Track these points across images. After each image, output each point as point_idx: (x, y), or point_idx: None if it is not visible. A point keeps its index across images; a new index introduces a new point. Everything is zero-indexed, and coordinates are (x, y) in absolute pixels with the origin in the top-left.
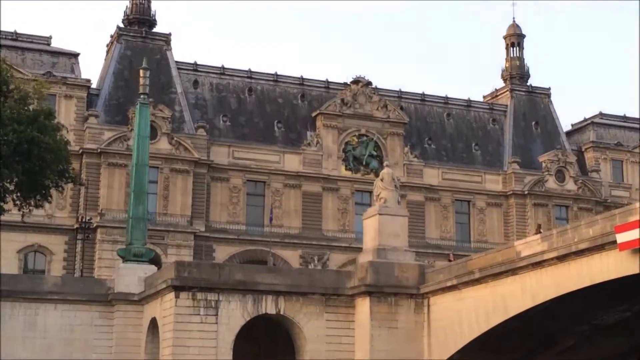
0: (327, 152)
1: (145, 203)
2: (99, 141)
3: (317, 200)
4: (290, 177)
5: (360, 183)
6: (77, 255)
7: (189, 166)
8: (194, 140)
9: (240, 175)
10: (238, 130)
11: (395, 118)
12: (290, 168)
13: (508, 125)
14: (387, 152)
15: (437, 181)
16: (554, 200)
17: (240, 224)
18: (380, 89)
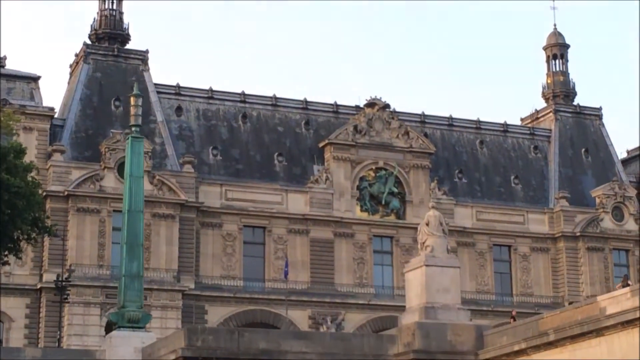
0: (339, 190)
1: (141, 257)
2: (66, 182)
3: (328, 249)
4: (295, 220)
5: (378, 227)
6: (41, 322)
7: (175, 210)
8: (179, 179)
9: (236, 220)
10: (231, 165)
11: (419, 147)
12: (295, 210)
13: (553, 154)
14: (411, 188)
15: (470, 223)
16: (611, 243)
17: (236, 278)
18: (400, 113)
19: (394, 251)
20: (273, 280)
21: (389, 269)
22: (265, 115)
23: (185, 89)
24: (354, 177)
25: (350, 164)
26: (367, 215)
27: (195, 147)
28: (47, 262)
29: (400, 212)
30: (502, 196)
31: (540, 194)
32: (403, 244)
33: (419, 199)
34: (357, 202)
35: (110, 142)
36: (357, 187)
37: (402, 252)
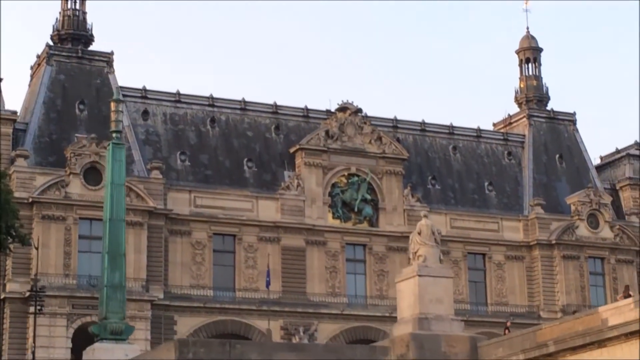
0: (311, 197)
1: (123, 268)
2: (30, 188)
3: (299, 257)
4: (266, 228)
5: (351, 234)
6: (5, 333)
7: (143, 217)
8: (147, 185)
9: (205, 228)
10: (200, 171)
11: (392, 153)
12: (266, 217)
13: (527, 160)
14: (384, 195)
15: (445, 230)
16: (586, 251)
17: (206, 288)
18: (372, 118)
19: (367, 259)
20: (244, 289)
21: (362, 277)
22: (234, 119)
23: (151, 92)
24: (326, 184)
25: (322, 170)
26: (339, 223)
27: (162, 153)
28: (10, 271)
29: (373, 220)
30: (476, 203)
31: (514, 201)
32: (376, 252)
33: (392, 205)
34: (329, 209)
35: (76, 147)
36: (329, 193)
37: (376, 261)
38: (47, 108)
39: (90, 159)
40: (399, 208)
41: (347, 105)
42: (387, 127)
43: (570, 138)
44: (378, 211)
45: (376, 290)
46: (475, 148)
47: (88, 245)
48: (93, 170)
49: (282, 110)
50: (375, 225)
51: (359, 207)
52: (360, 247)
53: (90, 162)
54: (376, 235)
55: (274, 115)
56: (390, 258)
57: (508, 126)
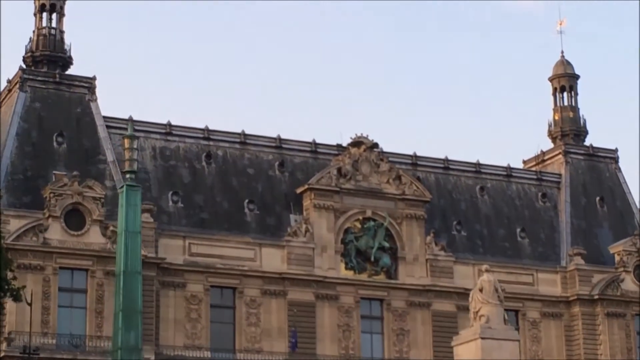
0: (321, 244)
1: (139, 327)
2: (3, 233)
3: (309, 313)
4: (270, 280)
5: (367, 288)
6: None
7: None
8: None
9: (201, 279)
10: (194, 214)
11: (413, 194)
12: (271, 267)
13: (564, 202)
14: (404, 242)
15: (472, 283)
16: (634, 308)
17: (202, 349)
18: (389, 154)
19: (385, 316)
20: (245, 351)
21: (378, 337)
22: (232, 154)
23: (139, 123)
24: (338, 229)
25: (333, 214)
26: (353, 274)
27: (152, 192)
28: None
29: (391, 271)
30: (507, 252)
31: (550, 250)
32: (395, 308)
33: (412, 255)
34: (341, 259)
35: (56, 187)
36: (342, 240)
37: (395, 318)
38: (20, 141)
39: (72, 199)
40: (421, 258)
41: (361, 140)
42: (405, 164)
43: (612, 178)
44: (397, 261)
45: (395, 352)
46: (506, 189)
47: (69, 299)
48: (75, 212)
49: (287, 144)
50: (394, 277)
51: (375, 257)
52: (377, 302)
53: (72, 203)
54: (395, 288)
55: (277, 151)
56: (411, 315)
57: (541, 164)
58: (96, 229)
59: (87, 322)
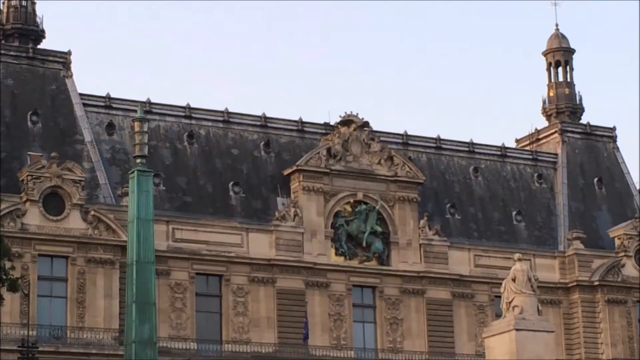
0: (310, 229)
1: (153, 319)
2: None
3: (298, 302)
4: (258, 267)
5: (358, 274)
6: None
7: (114, 254)
8: (117, 215)
9: (186, 267)
10: (177, 197)
11: (406, 176)
12: (258, 254)
13: (560, 184)
14: (396, 227)
15: (468, 269)
16: (635, 294)
17: (188, 340)
18: (379, 133)
19: (377, 305)
20: (232, 342)
21: (371, 326)
22: (216, 134)
23: (117, 100)
24: (328, 213)
25: (323, 196)
26: (343, 260)
27: None
28: None
29: (383, 257)
30: (502, 236)
31: (547, 234)
32: (388, 295)
33: (405, 240)
34: (331, 244)
35: (34, 169)
36: (332, 225)
37: (387, 306)
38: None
39: (51, 182)
40: (414, 243)
41: (351, 118)
42: (396, 144)
43: (610, 158)
44: (389, 246)
45: (388, 342)
46: (500, 170)
47: (49, 288)
48: (54, 196)
49: (273, 123)
50: (386, 263)
51: (367, 242)
52: (369, 289)
53: (51, 186)
54: (388, 275)
55: (262, 130)
56: (405, 303)
57: (535, 143)
58: (76, 213)
59: (68, 312)
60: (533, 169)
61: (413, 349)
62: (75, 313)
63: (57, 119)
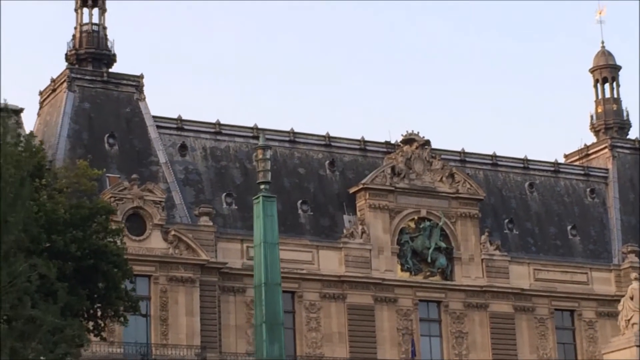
0: (377, 246)
1: (282, 339)
2: None
3: (368, 317)
4: (329, 283)
5: (424, 289)
6: None
7: (194, 272)
8: (196, 234)
9: None
10: (249, 216)
11: (467, 192)
12: (329, 270)
13: (612, 198)
14: (459, 242)
15: (528, 283)
16: None
17: None
18: (438, 151)
19: (443, 319)
20: (306, 357)
21: (437, 340)
22: (283, 153)
23: (188, 122)
24: (394, 230)
25: (388, 214)
26: (409, 276)
27: (205, 194)
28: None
29: (447, 272)
30: (559, 250)
31: (601, 247)
32: (453, 310)
33: (468, 255)
34: (397, 260)
35: (116, 191)
36: (397, 241)
37: (452, 320)
38: (72, 143)
39: (134, 204)
40: (476, 258)
41: (413, 137)
42: (454, 161)
43: None
44: (452, 261)
45: (454, 355)
46: (554, 185)
47: None
48: (136, 217)
49: (336, 142)
50: (450, 278)
51: (432, 257)
52: (434, 304)
53: (133, 207)
54: (452, 290)
55: (327, 149)
56: (469, 317)
57: (585, 158)
58: (157, 233)
59: (152, 330)
60: (585, 184)
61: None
62: (159, 331)
63: (133, 141)
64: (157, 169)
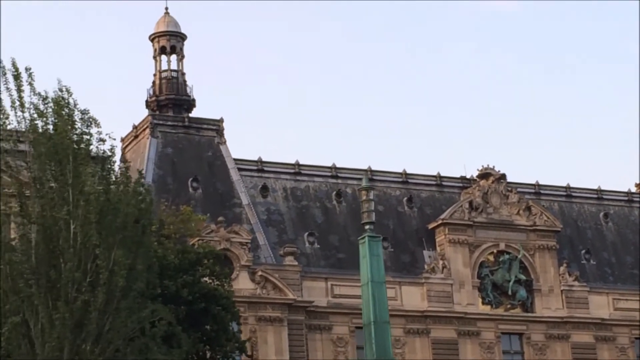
0: (459, 280)
1: None
2: None
3: (452, 351)
4: (413, 319)
5: (506, 322)
6: None
7: (282, 312)
8: (282, 274)
9: (346, 321)
10: (331, 254)
11: (545, 225)
12: (413, 306)
13: None
14: (538, 274)
15: (607, 313)
16: None
17: None
18: (513, 184)
19: (525, 351)
20: None
21: None
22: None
23: (268, 164)
24: (474, 264)
25: (467, 248)
26: (490, 309)
27: (287, 234)
28: None
29: (527, 304)
30: (635, 279)
31: None
32: (535, 341)
33: (548, 286)
34: (478, 293)
35: (204, 234)
36: (478, 274)
37: (535, 352)
38: (157, 188)
39: (221, 246)
40: (556, 289)
41: (489, 171)
42: (529, 193)
43: None
44: (532, 293)
45: None
46: (628, 215)
47: None
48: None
49: (413, 179)
50: (530, 310)
51: (512, 290)
52: (516, 336)
53: (221, 249)
54: (533, 322)
55: (404, 186)
56: (551, 348)
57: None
58: (245, 274)
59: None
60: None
61: None
62: None
63: (215, 184)
64: (240, 210)
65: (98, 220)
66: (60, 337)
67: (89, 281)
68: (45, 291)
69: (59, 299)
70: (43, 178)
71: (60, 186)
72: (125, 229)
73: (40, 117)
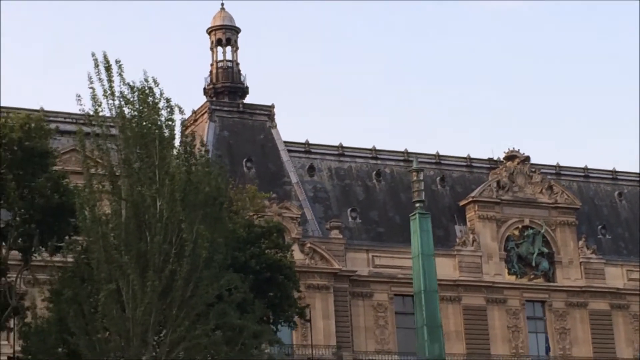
0: (487, 252)
1: (441, 339)
2: None
3: (481, 317)
4: (446, 287)
5: (530, 291)
6: None
7: (329, 280)
8: (329, 246)
9: (386, 289)
10: (372, 228)
11: (565, 202)
12: (446, 276)
13: None
14: (559, 247)
15: (622, 283)
16: None
17: (391, 353)
18: (536, 165)
19: (547, 317)
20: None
21: (542, 336)
22: (398, 172)
23: (315, 146)
24: (501, 238)
25: (495, 223)
26: (515, 279)
27: (332, 210)
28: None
29: (549, 274)
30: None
31: None
32: (556, 308)
33: (568, 258)
34: (504, 265)
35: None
36: (504, 248)
37: (556, 318)
38: None
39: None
40: (575, 261)
41: (515, 154)
42: (550, 174)
43: None
44: (554, 265)
45: (559, 349)
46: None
47: None
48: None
49: (446, 160)
50: (552, 280)
51: (536, 262)
52: (539, 303)
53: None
54: (555, 290)
55: (437, 167)
56: (571, 315)
57: None
58: (295, 246)
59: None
60: None
61: (580, 355)
62: (300, 333)
63: (267, 164)
64: (289, 188)
65: (182, 197)
66: (149, 303)
67: (175, 252)
68: (136, 261)
69: (148, 269)
70: (131, 159)
71: (147, 167)
72: (205, 206)
73: (127, 105)
